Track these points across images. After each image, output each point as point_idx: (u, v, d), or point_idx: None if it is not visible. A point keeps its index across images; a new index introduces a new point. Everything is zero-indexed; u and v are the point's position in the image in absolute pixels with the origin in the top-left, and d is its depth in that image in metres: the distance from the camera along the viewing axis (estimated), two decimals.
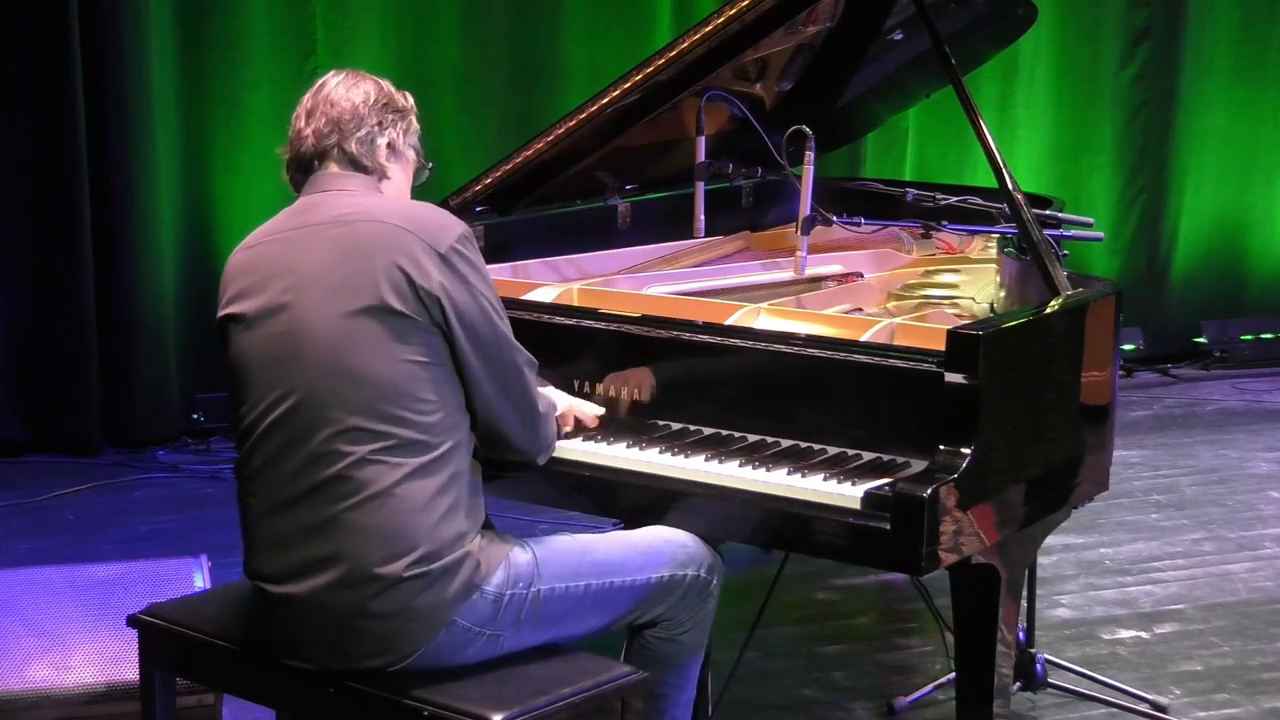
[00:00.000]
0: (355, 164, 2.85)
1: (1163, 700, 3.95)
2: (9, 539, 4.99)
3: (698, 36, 3.66)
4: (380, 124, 2.87)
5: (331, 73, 2.93)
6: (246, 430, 2.77)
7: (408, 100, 2.96)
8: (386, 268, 2.68)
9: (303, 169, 2.88)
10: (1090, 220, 3.91)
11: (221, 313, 2.82)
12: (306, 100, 2.90)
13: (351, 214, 2.76)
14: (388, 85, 2.94)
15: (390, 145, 2.89)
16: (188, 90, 5.90)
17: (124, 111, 5.74)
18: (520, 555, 2.79)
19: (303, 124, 2.87)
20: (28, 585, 3.57)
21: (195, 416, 5.99)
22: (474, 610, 2.71)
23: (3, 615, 3.45)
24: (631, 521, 3.14)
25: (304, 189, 2.87)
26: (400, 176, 2.93)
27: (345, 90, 2.87)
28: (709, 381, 3.17)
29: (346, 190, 2.83)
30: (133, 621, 2.98)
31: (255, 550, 2.77)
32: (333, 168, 2.86)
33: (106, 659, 3.35)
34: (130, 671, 3.18)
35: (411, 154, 2.95)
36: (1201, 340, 7.45)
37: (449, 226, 2.76)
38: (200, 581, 3.58)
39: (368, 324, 2.68)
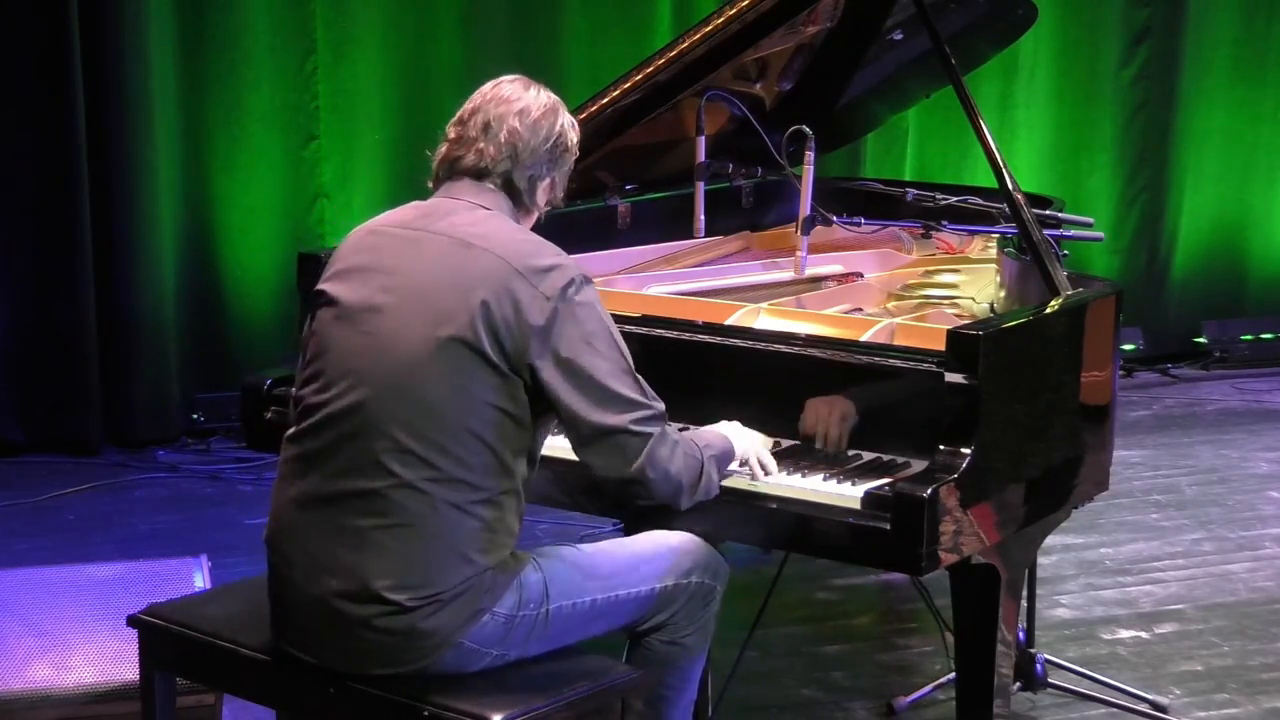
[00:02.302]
0: (512, 191, 2.82)
1: (1163, 700, 3.95)
2: (9, 539, 4.98)
3: (698, 36, 3.67)
4: (552, 163, 2.84)
5: (521, 84, 2.85)
6: (307, 409, 2.74)
7: (576, 134, 2.90)
8: (486, 305, 2.64)
9: (454, 174, 2.83)
10: (1090, 220, 3.91)
11: (321, 283, 2.79)
12: (488, 106, 2.82)
13: (475, 236, 2.71)
14: (567, 118, 2.87)
15: (551, 184, 2.87)
16: (188, 90, 5.90)
17: (124, 111, 5.73)
18: (531, 575, 2.77)
19: (476, 133, 2.80)
20: (28, 585, 3.57)
21: (195, 416, 5.99)
22: (483, 631, 2.70)
23: (3, 615, 3.45)
24: (633, 522, 3.13)
25: (442, 189, 2.83)
26: (541, 209, 2.90)
27: (536, 116, 2.80)
28: (708, 381, 3.17)
29: (480, 206, 2.78)
30: (133, 621, 2.97)
31: (281, 530, 2.75)
32: (488, 184, 2.81)
33: (106, 659, 3.35)
34: (130, 671, 3.17)
35: (560, 192, 2.91)
36: (1201, 340, 7.44)
37: (563, 269, 2.71)
38: (200, 581, 3.57)
39: (451, 353, 2.64)
